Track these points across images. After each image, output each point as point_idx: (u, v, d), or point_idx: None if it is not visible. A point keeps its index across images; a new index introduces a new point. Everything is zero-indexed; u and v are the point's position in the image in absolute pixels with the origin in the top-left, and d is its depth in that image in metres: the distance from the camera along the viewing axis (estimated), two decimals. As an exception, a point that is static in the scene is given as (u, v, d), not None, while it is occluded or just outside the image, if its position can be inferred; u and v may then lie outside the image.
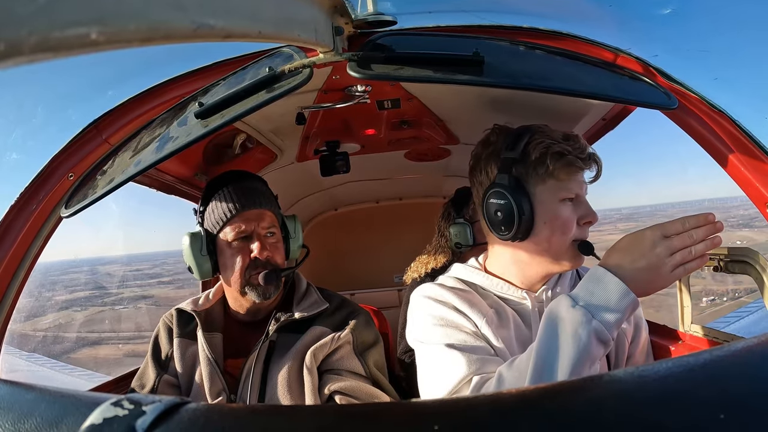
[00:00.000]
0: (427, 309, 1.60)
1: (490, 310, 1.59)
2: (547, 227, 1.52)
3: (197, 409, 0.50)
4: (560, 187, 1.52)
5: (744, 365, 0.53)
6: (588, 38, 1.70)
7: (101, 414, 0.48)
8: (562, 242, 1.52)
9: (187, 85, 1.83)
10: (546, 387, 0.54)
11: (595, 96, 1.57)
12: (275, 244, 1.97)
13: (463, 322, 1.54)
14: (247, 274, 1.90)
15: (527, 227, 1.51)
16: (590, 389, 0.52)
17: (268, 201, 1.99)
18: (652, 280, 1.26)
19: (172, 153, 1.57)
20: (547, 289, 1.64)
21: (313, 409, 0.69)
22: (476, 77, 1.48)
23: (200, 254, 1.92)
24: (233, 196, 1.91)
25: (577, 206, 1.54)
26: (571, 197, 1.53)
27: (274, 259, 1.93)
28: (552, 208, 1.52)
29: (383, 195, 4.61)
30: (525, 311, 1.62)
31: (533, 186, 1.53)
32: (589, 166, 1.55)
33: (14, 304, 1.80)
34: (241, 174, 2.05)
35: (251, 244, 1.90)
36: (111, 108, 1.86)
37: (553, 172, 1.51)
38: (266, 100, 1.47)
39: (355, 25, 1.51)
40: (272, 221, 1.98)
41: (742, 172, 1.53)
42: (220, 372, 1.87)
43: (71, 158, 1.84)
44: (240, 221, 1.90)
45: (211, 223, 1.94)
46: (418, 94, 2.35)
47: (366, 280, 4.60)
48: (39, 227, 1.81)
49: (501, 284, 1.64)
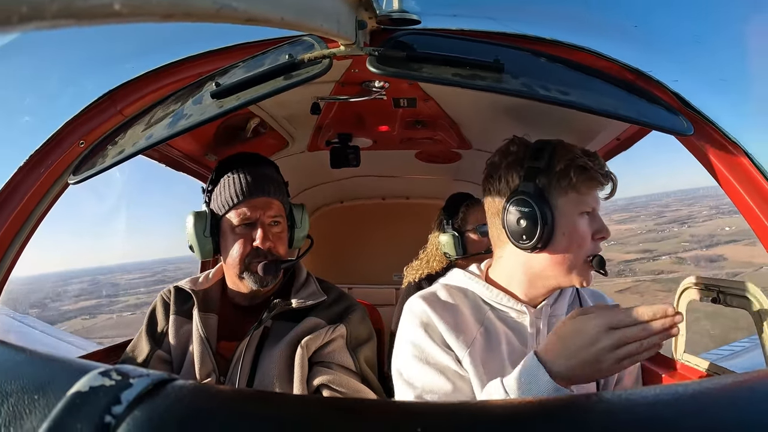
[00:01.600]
0: (411, 335, 1.60)
1: (480, 328, 1.59)
2: (565, 239, 1.52)
3: (184, 386, 0.50)
4: (580, 201, 1.53)
5: (732, 399, 0.53)
6: (609, 56, 1.69)
7: (88, 382, 0.48)
8: (577, 255, 1.53)
9: (205, 64, 1.83)
10: (534, 402, 0.54)
11: (611, 115, 1.56)
12: (279, 234, 1.97)
13: (443, 361, 1.54)
14: (247, 261, 1.90)
15: (548, 237, 1.51)
16: (578, 407, 0.52)
17: (277, 189, 1.98)
18: (590, 374, 1.25)
19: (185, 130, 1.57)
20: (547, 304, 1.63)
21: (299, 398, 0.69)
22: (495, 84, 1.48)
23: (203, 235, 1.92)
24: (242, 181, 1.90)
25: (592, 221, 1.56)
26: (589, 211, 1.54)
27: (276, 249, 1.93)
28: (572, 221, 1.52)
29: (390, 192, 4.61)
30: (522, 326, 1.61)
31: (555, 197, 1.53)
32: (606, 182, 1.57)
33: (13, 265, 1.80)
34: (254, 158, 2.05)
35: (254, 232, 1.90)
36: (128, 80, 1.86)
37: (575, 184, 1.51)
38: (283, 87, 1.48)
39: (379, 21, 1.51)
40: (279, 210, 1.97)
41: (752, 208, 1.52)
42: (212, 353, 1.87)
43: (83, 126, 1.84)
44: (246, 208, 1.90)
45: (217, 204, 1.94)
46: (435, 96, 2.35)
47: (365, 276, 4.60)
48: (45, 191, 1.81)
49: (501, 296, 1.62)
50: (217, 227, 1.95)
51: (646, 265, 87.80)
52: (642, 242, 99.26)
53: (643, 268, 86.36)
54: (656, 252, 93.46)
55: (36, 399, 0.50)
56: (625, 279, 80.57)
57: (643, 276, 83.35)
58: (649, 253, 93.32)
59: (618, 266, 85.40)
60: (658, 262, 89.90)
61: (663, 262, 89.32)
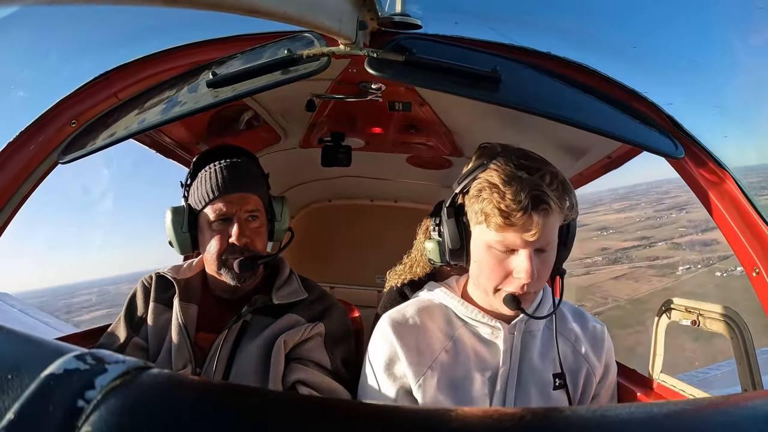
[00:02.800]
0: (376, 353, 1.64)
1: (448, 344, 1.60)
2: (475, 266, 1.51)
3: (159, 375, 0.49)
4: (489, 235, 1.43)
5: (706, 422, 0.53)
6: (606, 75, 1.71)
7: (63, 364, 0.47)
8: (486, 285, 1.49)
9: (203, 53, 1.82)
10: (509, 411, 0.54)
11: (604, 133, 1.57)
12: (257, 229, 1.95)
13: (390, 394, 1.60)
14: (224, 257, 1.88)
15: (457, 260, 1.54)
16: (552, 420, 0.52)
17: (254, 183, 1.96)
18: None
19: (178, 117, 1.56)
20: (521, 320, 1.62)
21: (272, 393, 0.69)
22: (491, 94, 1.48)
23: (181, 231, 1.91)
24: (218, 176, 1.88)
25: (506, 258, 1.44)
26: (502, 250, 1.43)
27: (253, 244, 1.91)
28: (480, 251, 1.48)
29: (379, 194, 4.60)
30: (495, 342, 1.61)
31: (471, 222, 1.49)
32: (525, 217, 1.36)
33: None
34: (231, 151, 2.02)
35: (231, 228, 1.88)
36: (124, 62, 1.85)
37: (486, 218, 1.41)
38: (280, 81, 1.47)
39: (380, 23, 1.52)
40: (256, 204, 1.95)
41: (736, 233, 1.54)
42: (189, 343, 1.86)
43: (76, 106, 1.83)
44: (222, 203, 1.87)
45: (195, 199, 1.92)
46: (430, 101, 2.36)
47: (348, 276, 4.58)
48: (33, 168, 1.80)
49: (476, 312, 1.62)
50: (195, 222, 1.93)
51: (643, 252, 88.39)
52: (640, 230, 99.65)
53: (639, 255, 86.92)
54: (653, 239, 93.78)
55: (9, 379, 0.49)
56: (621, 266, 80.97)
57: (639, 262, 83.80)
58: (646, 240, 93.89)
59: (615, 254, 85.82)
60: (654, 248, 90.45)
61: (659, 248, 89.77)
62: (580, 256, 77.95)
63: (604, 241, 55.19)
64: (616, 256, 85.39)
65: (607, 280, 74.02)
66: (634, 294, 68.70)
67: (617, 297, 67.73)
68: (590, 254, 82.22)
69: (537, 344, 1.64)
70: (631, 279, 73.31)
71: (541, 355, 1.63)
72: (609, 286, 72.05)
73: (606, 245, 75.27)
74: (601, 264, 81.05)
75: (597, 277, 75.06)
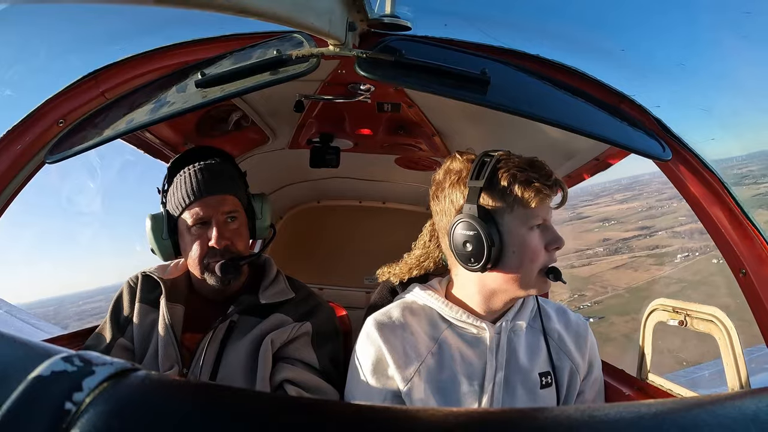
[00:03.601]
0: (363, 355, 1.64)
1: (434, 346, 1.60)
2: (516, 256, 1.51)
3: (147, 376, 0.49)
4: (528, 215, 1.50)
5: (694, 421, 0.54)
6: (595, 78, 1.72)
7: (50, 367, 0.47)
8: (530, 270, 1.52)
9: (193, 52, 1.81)
10: (495, 411, 0.54)
11: (592, 136, 1.58)
12: (237, 230, 1.94)
13: (379, 395, 1.59)
14: (205, 261, 1.88)
15: (497, 258, 1.50)
16: (539, 420, 0.52)
17: (230, 184, 1.95)
18: None
19: (166, 117, 1.56)
20: (506, 319, 1.64)
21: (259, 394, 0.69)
22: (480, 96, 1.49)
23: (161, 238, 1.91)
24: (193, 180, 1.88)
25: (544, 233, 1.53)
26: (539, 224, 1.52)
27: (234, 245, 1.91)
28: (520, 237, 1.51)
29: (367, 195, 4.60)
30: (481, 343, 1.62)
31: (501, 215, 1.51)
32: (555, 192, 1.54)
33: None
34: (205, 153, 2.02)
35: (210, 231, 1.87)
36: (113, 61, 1.84)
37: (520, 200, 1.49)
38: (268, 82, 1.47)
39: (370, 24, 1.52)
40: (234, 205, 1.94)
41: (723, 235, 1.55)
42: (176, 344, 1.85)
43: (64, 105, 1.81)
44: (198, 207, 1.86)
45: (172, 205, 1.91)
46: (419, 103, 2.36)
47: (337, 277, 4.57)
48: (20, 168, 1.78)
49: (461, 313, 1.63)
50: (175, 228, 1.93)
51: (643, 242, 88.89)
52: (641, 219, 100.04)
53: (639, 245, 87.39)
54: (653, 228, 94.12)
55: (-6, 381, 0.49)
56: (622, 256, 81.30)
57: (639, 252, 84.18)
58: (647, 229, 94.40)
59: (616, 244, 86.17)
60: (654, 237, 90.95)
61: (659, 237, 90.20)
62: (582, 248, 78.30)
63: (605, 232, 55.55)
64: (616, 247, 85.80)
65: (607, 270, 74.45)
66: (633, 283, 69.15)
67: (616, 286, 68.13)
68: (591, 245, 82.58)
69: (522, 343, 1.65)
70: (630, 268, 73.78)
71: (527, 354, 1.64)
72: (609, 275, 72.50)
73: (607, 236, 75.65)
74: (602, 255, 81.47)
75: (598, 267, 75.53)
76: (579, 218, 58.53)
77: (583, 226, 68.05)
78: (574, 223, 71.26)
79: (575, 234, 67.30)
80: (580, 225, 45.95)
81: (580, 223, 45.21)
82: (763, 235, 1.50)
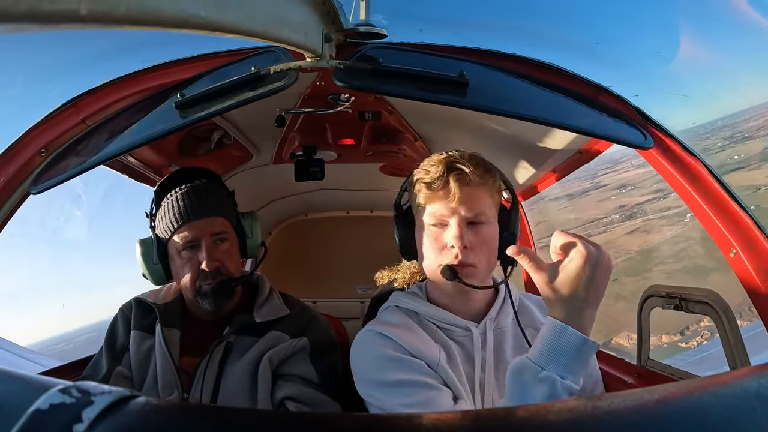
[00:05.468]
0: (377, 354, 1.56)
1: (438, 346, 1.58)
2: (420, 253, 1.59)
3: (147, 403, 0.49)
4: (427, 214, 1.54)
5: (697, 402, 0.54)
6: (572, 72, 1.72)
7: (48, 400, 0.46)
8: (428, 266, 1.57)
9: (171, 73, 1.80)
10: (498, 411, 0.54)
11: (573, 129, 1.59)
12: (227, 251, 1.92)
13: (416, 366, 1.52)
14: (197, 284, 1.85)
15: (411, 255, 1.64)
16: (544, 416, 0.52)
17: (218, 205, 1.94)
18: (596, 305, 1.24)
19: (148, 140, 1.55)
20: (490, 318, 1.64)
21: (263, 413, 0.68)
22: (459, 98, 1.50)
23: (152, 263, 1.89)
24: (180, 204, 1.86)
25: (441, 231, 1.53)
26: (433, 223, 1.54)
27: (225, 267, 1.88)
28: (419, 237, 1.59)
29: (354, 205, 4.60)
30: (468, 345, 1.61)
31: (417, 216, 1.61)
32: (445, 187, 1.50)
33: None
34: (191, 174, 1.99)
35: (200, 254, 1.85)
36: (92, 87, 1.83)
37: (421, 201, 1.55)
38: (248, 99, 1.47)
39: (345, 34, 1.52)
40: (223, 226, 1.92)
41: (710, 217, 1.56)
42: (175, 369, 1.83)
43: (45, 134, 1.80)
44: (187, 231, 1.84)
45: (161, 229, 1.89)
46: (400, 109, 2.37)
47: (330, 289, 4.56)
48: (4, 201, 1.77)
49: (445, 314, 1.63)
50: (165, 252, 1.91)
51: (657, 204, 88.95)
52: (656, 182, 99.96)
53: (653, 207, 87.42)
54: (667, 190, 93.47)
55: (-7, 418, 0.48)
56: (636, 221, 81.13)
57: (652, 215, 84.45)
58: (661, 192, 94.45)
59: (631, 210, 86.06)
60: (668, 199, 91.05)
61: (672, 198, 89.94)
62: (599, 217, 78.37)
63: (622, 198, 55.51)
64: (631, 212, 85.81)
65: (621, 236, 74.53)
66: (645, 245, 69.38)
67: (629, 250, 68.23)
68: (608, 213, 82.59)
69: (509, 340, 1.64)
70: (643, 232, 73.81)
71: (514, 350, 1.63)
72: (623, 240, 72.67)
73: (624, 202, 75.84)
74: (618, 221, 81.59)
75: (613, 234, 75.71)
76: (598, 187, 58.67)
77: (602, 194, 68.21)
78: (593, 193, 71.40)
79: (594, 203, 67.47)
80: (598, 194, 46.15)
81: (599, 192, 45.35)
82: (751, 214, 1.51)
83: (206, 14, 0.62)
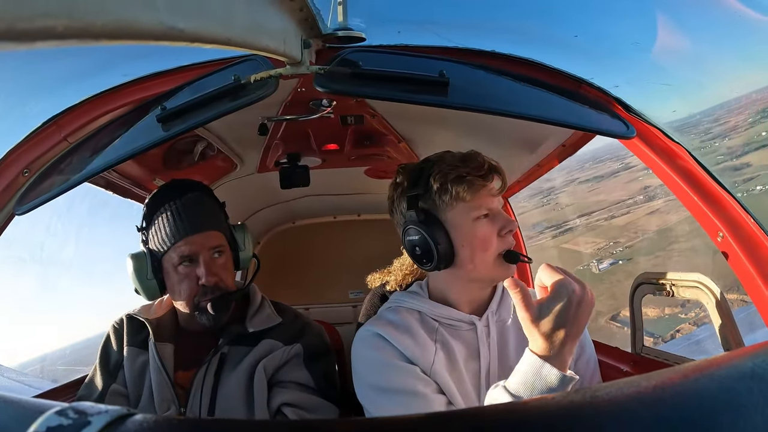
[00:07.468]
0: (371, 358, 1.59)
1: (436, 345, 1.59)
2: (467, 249, 1.55)
3: (144, 420, 0.49)
4: (469, 208, 1.55)
5: (694, 386, 0.54)
6: (552, 66, 1.73)
7: (45, 423, 0.46)
8: (484, 259, 1.55)
9: (151, 87, 1.79)
10: (499, 407, 0.54)
11: (556, 122, 1.60)
12: (224, 265, 1.91)
13: (409, 374, 1.53)
14: (196, 300, 1.84)
15: (447, 255, 1.55)
16: (543, 407, 0.53)
17: (213, 219, 1.93)
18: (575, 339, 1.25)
19: (131, 155, 1.54)
20: (491, 311, 1.66)
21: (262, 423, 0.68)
22: (441, 98, 1.50)
23: (146, 278, 1.86)
24: (175, 219, 1.84)
25: (493, 220, 1.56)
26: (484, 214, 1.56)
27: (223, 282, 1.88)
28: (467, 230, 1.55)
29: (341, 210, 4.59)
30: (472, 339, 1.62)
31: (443, 214, 1.57)
32: (490, 179, 1.58)
33: None
34: (183, 187, 1.96)
35: (197, 269, 1.83)
36: (72, 104, 1.81)
37: (456, 195, 1.54)
38: (229, 109, 1.47)
39: (324, 39, 1.52)
40: (219, 240, 1.91)
41: (696, 203, 1.57)
42: (170, 384, 1.82)
43: (27, 154, 1.78)
44: (184, 246, 1.83)
45: (155, 244, 1.87)
46: (382, 112, 2.37)
47: (321, 295, 4.55)
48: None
49: (448, 310, 1.64)
50: (159, 267, 1.88)
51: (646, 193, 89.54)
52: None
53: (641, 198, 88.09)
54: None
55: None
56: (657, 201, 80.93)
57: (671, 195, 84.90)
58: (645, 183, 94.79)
59: (655, 190, 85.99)
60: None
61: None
62: (623, 198, 78.44)
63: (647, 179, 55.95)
64: (655, 193, 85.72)
65: (642, 217, 74.73)
66: (662, 225, 69.78)
67: (647, 230, 68.44)
68: (633, 195, 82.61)
69: (511, 333, 1.66)
70: (663, 212, 74.18)
71: (517, 342, 1.65)
72: (643, 221, 73.17)
73: (648, 183, 76.57)
74: (641, 202, 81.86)
75: (635, 215, 76.18)
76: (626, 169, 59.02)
77: (629, 176, 68.47)
78: (620, 175, 71.53)
79: (621, 185, 67.74)
80: (625, 176, 46.37)
81: (626, 174, 45.60)
82: (736, 198, 1.53)
83: (184, 26, 0.62)
